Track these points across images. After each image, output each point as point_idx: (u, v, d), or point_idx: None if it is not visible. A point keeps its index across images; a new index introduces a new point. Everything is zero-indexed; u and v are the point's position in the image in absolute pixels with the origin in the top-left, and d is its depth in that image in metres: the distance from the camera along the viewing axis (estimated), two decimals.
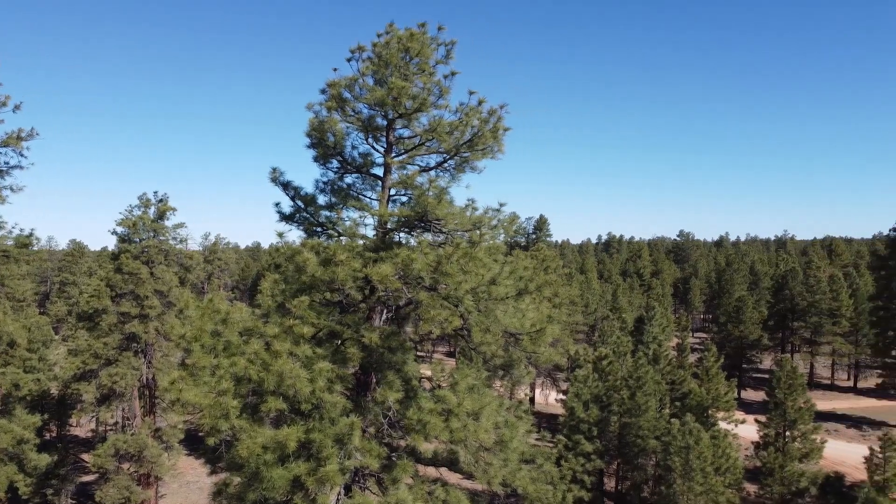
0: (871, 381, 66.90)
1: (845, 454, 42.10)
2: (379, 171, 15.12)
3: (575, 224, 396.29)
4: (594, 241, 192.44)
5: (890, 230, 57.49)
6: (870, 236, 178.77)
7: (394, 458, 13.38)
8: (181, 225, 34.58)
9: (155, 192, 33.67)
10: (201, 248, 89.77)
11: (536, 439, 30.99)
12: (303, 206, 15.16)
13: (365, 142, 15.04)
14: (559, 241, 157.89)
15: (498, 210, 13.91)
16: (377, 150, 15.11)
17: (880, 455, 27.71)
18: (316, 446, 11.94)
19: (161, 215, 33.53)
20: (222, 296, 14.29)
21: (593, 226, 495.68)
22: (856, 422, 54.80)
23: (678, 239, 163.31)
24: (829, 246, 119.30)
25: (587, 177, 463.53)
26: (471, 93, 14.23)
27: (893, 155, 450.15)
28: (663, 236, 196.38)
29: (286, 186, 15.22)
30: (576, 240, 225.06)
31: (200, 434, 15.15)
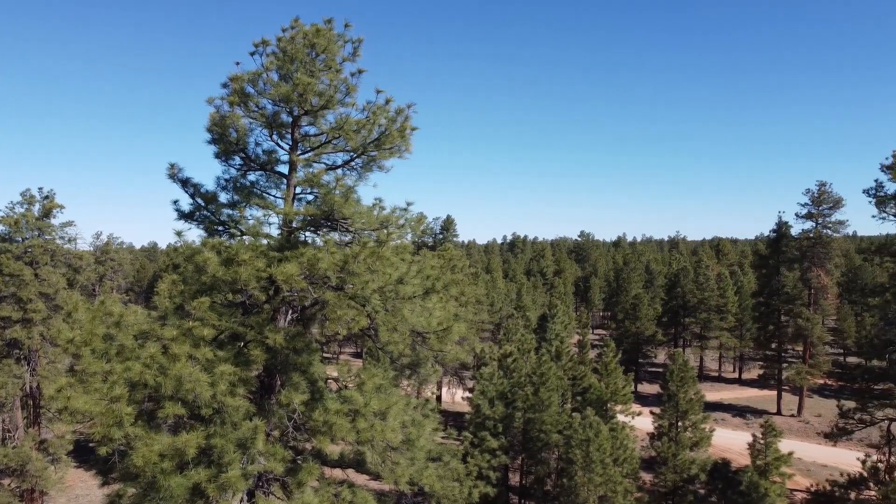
0: (753, 372, 71.56)
1: (731, 441, 44.84)
2: (284, 169, 14.80)
3: (481, 224, 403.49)
4: (500, 241, 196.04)
5: (770, 231, 61.63)
6: (753, 237, 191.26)
7: (299, 462, 13.13)
8: (69, 223, 32.54)
9: (40, 189, 31.52)
10: (92, 249, 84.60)
11: (443, 437, 31.17)
12: (203, 204, 14.62)
13: (269, 138, 14.69)
14: (466, 242, 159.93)
15: (405, 209, 13.92)
16: (282, 148, 14.79)
17: (762, 441, 29.65)
18: (217, 452, 11.55)
19: (47, 213, 31.42)
20: (115, 298, 13.58)
21: (499, 226, 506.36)
22: (740, 411, 58.49)
23: (579, 239, 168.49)
24: (717, 246, 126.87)
25: (493, 178, 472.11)
26: (378, 91, 14.18)
27: (775, 161, 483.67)
28: (565, 237, 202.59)
29: (185, 183, 14.63)
30: (482, 240, 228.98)
31: (91, 444, 14.34)
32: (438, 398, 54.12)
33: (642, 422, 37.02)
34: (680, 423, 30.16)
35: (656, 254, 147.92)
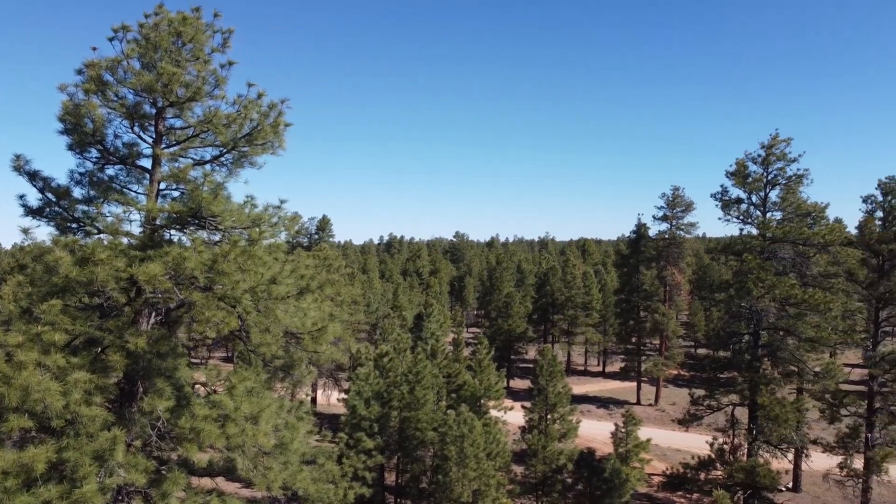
0: (616, 365, 75.76)
1: (596, 431, 47.30)
2: (147, 163, 13.97)
3: (358, 225, 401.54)
4: (376, 241, 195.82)
5: (631, 232, 65.62)
6: (615, 238, 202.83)
7: (164, 472, 12.46)
8: None
9: None
10: None
11: (318, 440, 30.72)
12: (54, 200, 13.51)
13: (130, 130, 13.80)
14: (342, 242, 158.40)
15: (279, 207, 13.55)
16: (145, 141, 13.95)
17: (623, 430, 31.57)
18: (71, 466, 10.72)
19: None
20: None
21: (375, 227, 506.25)
22: (604, 402, 61.84)
23: (454, 240, 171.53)
24: (583, 246, 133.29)
25: (370, 178, 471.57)
26: (249, 85, 13.72)
27: (635, 165, 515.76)
28: (441, 237, 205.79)
29: (33, 176, 13.45)
30: (358, 240, 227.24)
31: None
32: (313, 400, 53.23)
33: (514, 416, 38.21)
34: (549, 416, 31.41)
35: (527, 254, 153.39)
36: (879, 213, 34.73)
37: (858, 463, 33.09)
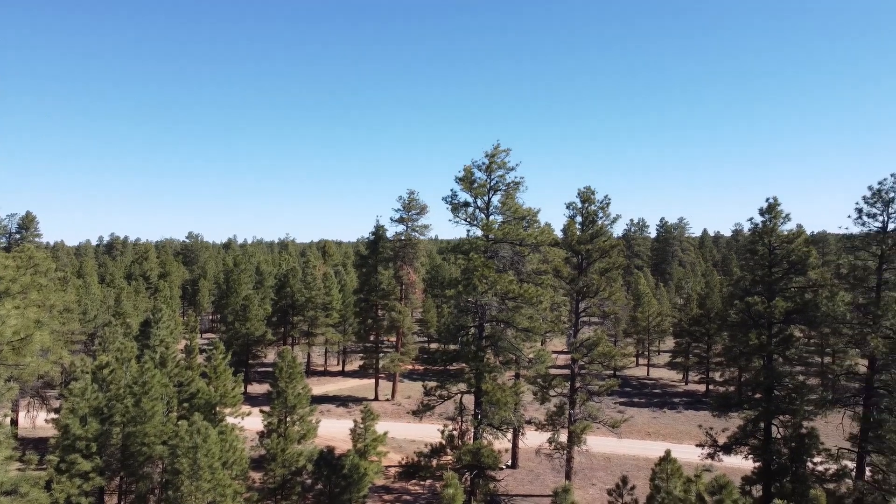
0: (355, 364, 77.58)
1: (336, 430, 47.91)
2: None
3: (72, 224, 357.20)
4: (95, 242, 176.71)
5: (370, 234, 67.59)
6: (355, 239, 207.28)
7: None
8: None
9: None
10: None
11: (20, 467, 26.90)
12: None
13: None
14: (52, 243, 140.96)
15: None
16: None
17: (361, 426, 32.42)
18: None
19: None
20: None
21: (94, 227, 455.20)
22: (344, 400, 62.91)
23: (187, 241, 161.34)
24: (323, 248, 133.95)
25: (87, 173, 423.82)
26: None
27: (375, 168, 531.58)
28: (172, 238, 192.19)
29: None
30: (73, 241, 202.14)
31: None
32: (14, 422, 46.44)
33: (252, 422, 37.16)
34: (289, 419, 31.11)
35: (267, 255, 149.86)
36: (579, 218, 40.12)
37: (564, 437, 37.96)
